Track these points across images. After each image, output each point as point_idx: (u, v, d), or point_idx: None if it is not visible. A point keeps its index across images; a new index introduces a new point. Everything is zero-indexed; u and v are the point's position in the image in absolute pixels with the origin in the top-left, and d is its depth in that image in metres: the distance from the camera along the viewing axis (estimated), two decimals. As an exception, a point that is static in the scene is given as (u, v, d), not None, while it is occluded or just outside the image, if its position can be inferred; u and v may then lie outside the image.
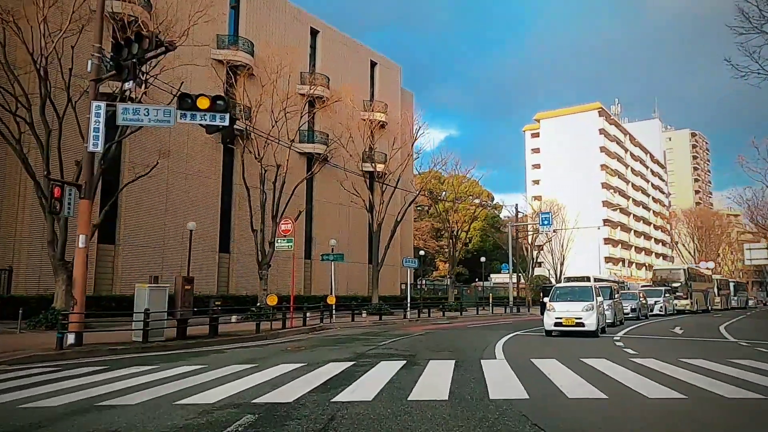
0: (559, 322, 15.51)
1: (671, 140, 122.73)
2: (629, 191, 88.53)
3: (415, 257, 35.50)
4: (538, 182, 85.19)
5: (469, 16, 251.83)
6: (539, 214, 43.59)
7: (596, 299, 15.90)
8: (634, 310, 26.88)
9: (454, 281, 41.91)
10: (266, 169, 24.44)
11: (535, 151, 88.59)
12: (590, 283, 21.38)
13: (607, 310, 18.13)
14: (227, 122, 13.21)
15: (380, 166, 33.55)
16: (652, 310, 31.45)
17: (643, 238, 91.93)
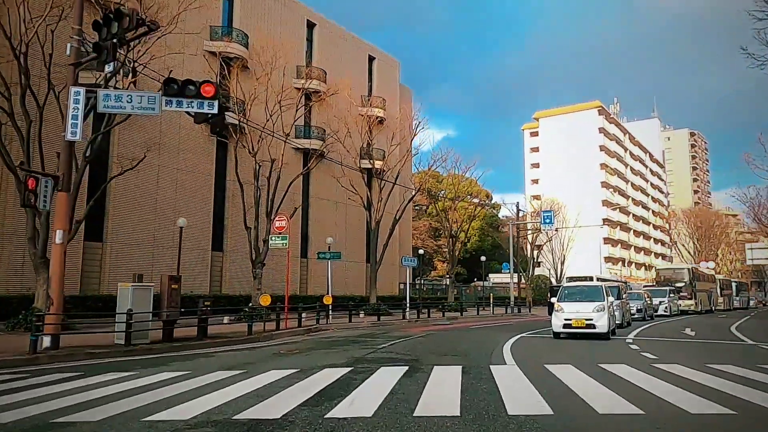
0: (568, 323, 14.68)
1: (670, 140, 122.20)
2: (629, 190, 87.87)
3: (414, 256, 34.66)
4: (537, 181, 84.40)
5: (468, 16, 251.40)
6: (541, 212, 42.76)
7: (607, 299, 15.08)
8: (639, 310, 26.11)
9: (453, 281, 41.06)
10: (260, 164, 23.57)
11: (534, 150, 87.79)
12: (599, 282, 20.53)
13: (615, 310, 17.31)
14: (216, 110, 12.33)
15: (378, 162, 32.69)
16: (656, 310, 30.69)
17: (642, 237, 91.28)
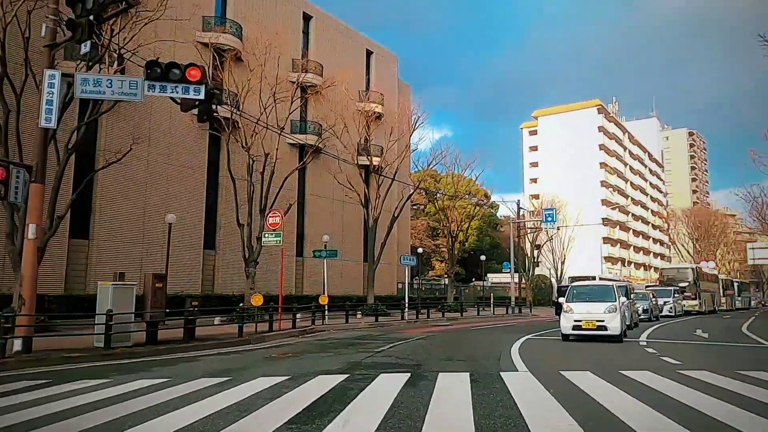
0: (578, 325, 13.84)
1: (668, 139, 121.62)
2: (628, 190, 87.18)
3: (412, 255, 33.80)
4: (535, 180, 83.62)
5: (466, 16, 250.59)
6: (542, 210, 41.93)
7: (619, 299, 14.26)
8: (646, 311, 25.31)
9: (453, 280, 40.20)
10: (254, 159, 22.68)
11: (533, 148, 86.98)
12: (610, 281, 19.70)
13: (625, 311, 16.46)
14: (202, 95, 11.48)
15: (376, 159, 31.81)
16: (661, 310, 29.89)
17: (641, 237, 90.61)
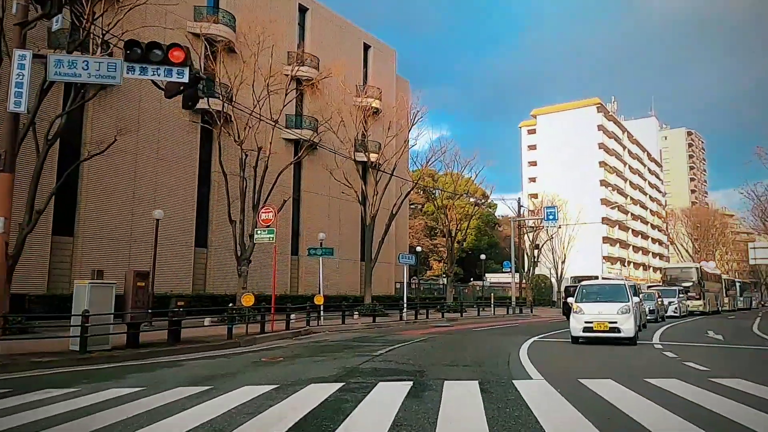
0: (589, 326, 12.99)
1: (667, 139, 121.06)
2: (627, 189, 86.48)
3: (411, 254, 32.91)
4: (534, 180, 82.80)
5: (464, 16, 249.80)
6: (543, 209, 41.07)
7: (632, 299, 13.42)
8: (652, 311, 24.52)
9: (452, 280, 39.33)
10: (247, 153, 21.79)
11: (531, 147, 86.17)
12: (621, 280, 18.87)
13: (636, 311, 15.62)
14: (186, 78, 10.59)
15: (374, 155, 30.91)
16: (666, 311, 29.11)
17: (640, 237, 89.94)
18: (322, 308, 21.12)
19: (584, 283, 15.46)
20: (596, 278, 31.13)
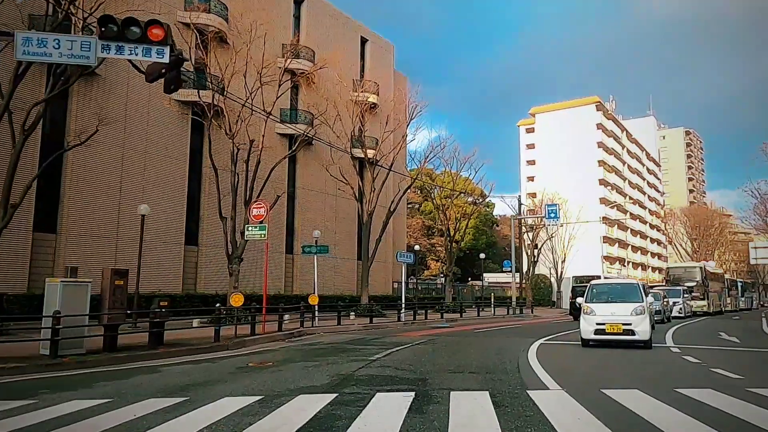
0: (601, 328, 12.14)
1: (665, 138, 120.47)
2: (626, 188, 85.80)
3: (409, 252, 32.03)
4: (532, 179, 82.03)
5: (463, 16, 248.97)
6: (545, 206, 40.22)
7: (646, 300, 12.59)
8: (658, 312, 23.69)
9: (451, 280, 38.46)
10: (239, 147, 20.89)
11: (529, 146, 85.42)
12: (632, 279, 18.05)
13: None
14: (166, 58, 9.67)
15: (371, 151, 30.01)
16: (671, 311, 28.32)
17: (639, 237, 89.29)
18: (316, 308, 20.23)
19: (594, 282, 14.61)
20: (599, 278, 30.31)
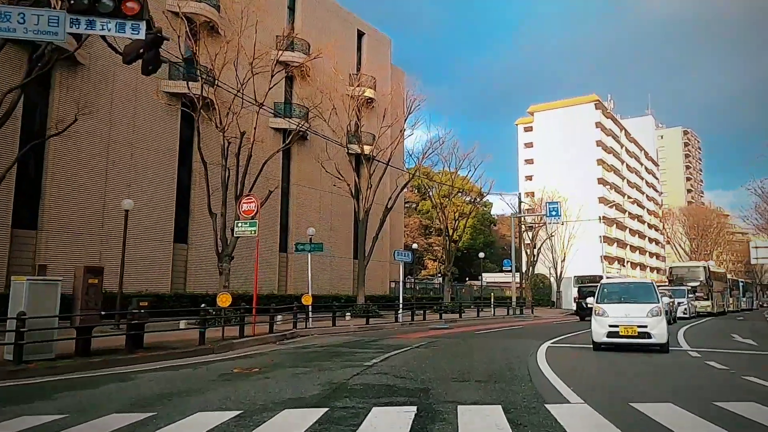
0: (614, 331, 11.30)
1: (663, 138, 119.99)
2: (625, 188, 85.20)
3: (407, 251, 31.17)
4: (530, 178, 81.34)
5: (460, 16, 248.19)
6: (546, 204, 39.42)
7: (661, 300, 11.78)
8: (666, 312, 22.88)
9: (450, 279, 37.64)
10: (230, 141, 20.02)
11: (528, 145, 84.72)
12: (646, 279, 17.21)
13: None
14: (142, 35, 8.71)
15: (367, 147, 29.15)
16: (676, 312, 27.57)
17: (637, 236, 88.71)
18: (310, 309, 19.37)
19: (605, 281, 13.81)
20: (601, 277, 29.57)
